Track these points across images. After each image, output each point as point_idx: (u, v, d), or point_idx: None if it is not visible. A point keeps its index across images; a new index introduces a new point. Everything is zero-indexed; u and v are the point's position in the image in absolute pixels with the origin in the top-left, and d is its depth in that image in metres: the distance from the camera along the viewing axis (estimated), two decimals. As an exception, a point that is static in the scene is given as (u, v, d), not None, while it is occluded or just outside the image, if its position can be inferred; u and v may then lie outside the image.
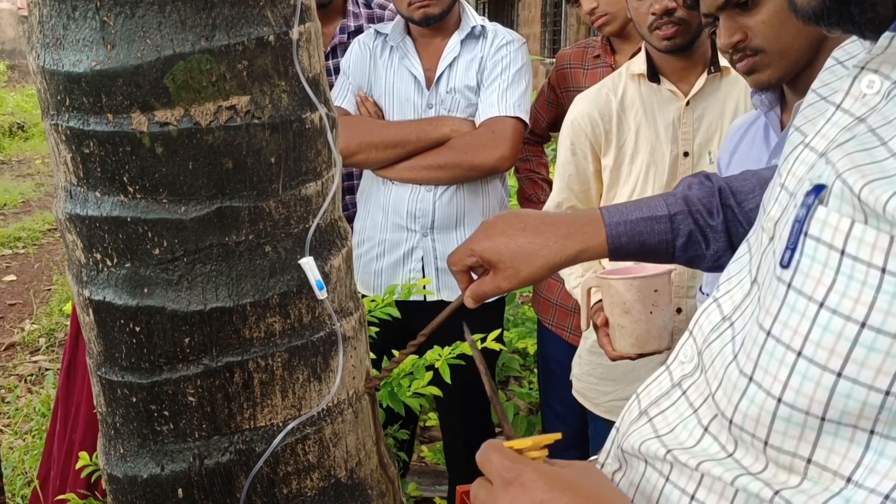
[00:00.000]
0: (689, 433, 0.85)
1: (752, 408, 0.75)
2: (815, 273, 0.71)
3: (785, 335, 0.73)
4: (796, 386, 0.71)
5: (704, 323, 0.90)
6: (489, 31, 2.72)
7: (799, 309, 0.72)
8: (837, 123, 0.79)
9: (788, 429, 0.73)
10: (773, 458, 0.75)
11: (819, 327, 0.70)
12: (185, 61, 1.24)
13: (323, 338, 1.41)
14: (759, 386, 0.75)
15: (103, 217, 1.30)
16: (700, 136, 2.24)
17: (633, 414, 0.94)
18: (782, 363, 0.72)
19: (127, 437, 1.40)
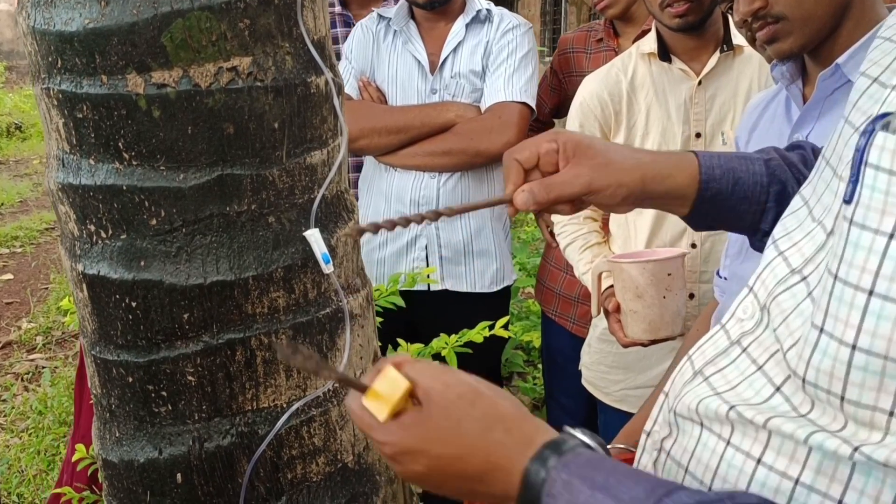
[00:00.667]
0: (756, 391, 0.78)
1: (826, 360, 0.68)
2: (876, 203, 0.65)
3: (852, 275, 0.66)
4: (871, 328, 0.65)
5: (769, 277, 0.83)
6: (495, 15, 2.66)
7: (864, 244, 0.66)
8: None
9: (866, 379, 0.66)
10: (851, 415, 0.68)
11: (891, 259, 0.64)
12: (183, 19, 1.17)
13: (329, 315, 1.34)
14: (831, 336, 0.68)
15: (97, 186, 1.23)
16: (713, 116, 2.17)
17: (687, 375, 0.87)
18: (852, 306, 0.66)
19: (123, 420, 1.33)
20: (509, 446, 0.78)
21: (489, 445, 0.78)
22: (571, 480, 0.74)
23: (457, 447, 0.78)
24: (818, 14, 1.48)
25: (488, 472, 0.78)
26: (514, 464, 0.77)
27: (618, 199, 1.00)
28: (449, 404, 0.79)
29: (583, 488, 0.73)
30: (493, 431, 0.79)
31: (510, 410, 0.80)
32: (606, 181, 1.00)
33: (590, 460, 0.76)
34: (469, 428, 0.79)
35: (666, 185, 1.03)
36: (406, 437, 0.79)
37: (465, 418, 0.79)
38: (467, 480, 0.80)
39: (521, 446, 0.78)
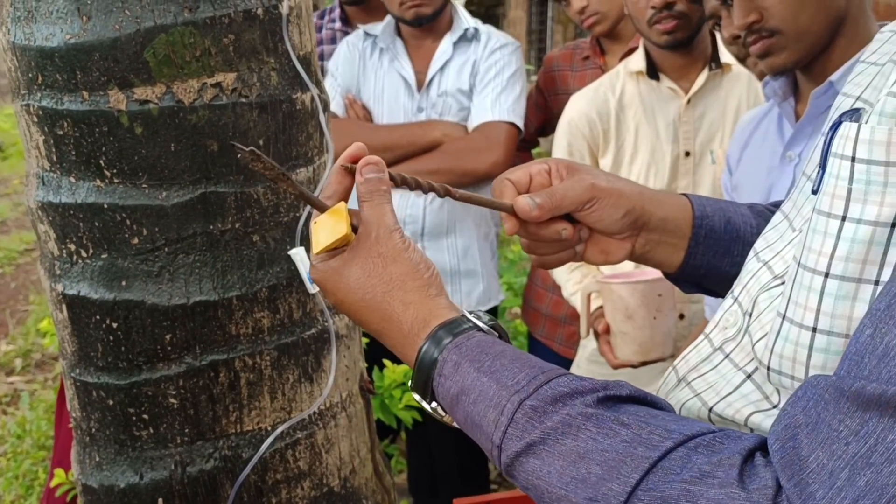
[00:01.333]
0: (727, 381, 0.80)
1: (787, 346, 0.70)
2: (833, 189, 0.67)
3: (810, 259, 0.68)
4: (829, 309, 0.66)
5: (753, 286, 0.83)
6: (482, 33, 2.65)
7: (820, 229, 0.68)
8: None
9: (827, 361, 0.67)
10: None
11: (845, 241, 0.65)
12: (167, 34, 1.15)
13: (314, 335, 1.32)
14: (792, 321, 0.69)
15: (78, 204, 1.20)
16: (702, 134, 2.17)
17: (671, 383, 0.88)
18: (810, 289, 0.68)
19: (103, 444, 1.30)
20: (402, 317, 0.82)
21: (386, 307, 0.83)
22: (461, 362, 0.77)
23: (359, 298, 0.84)
24: (813, 29, 1.47)
25: (383, 331, 0.83)
26: (406, 337, 0.81)
27: (620, 212, 0.98)
28: (369, 256, 0.84)
29: (470, 371, 0.76)
30: (392, 297, 0.83)
31: (416, 285, 0.83)
32: (609, 188, 0.98)
33: (480, 343, 0.78)
34: (373, 285, 0.83)
35: (664, 211, 1.01)
36: (325, 270, 0.86)
37: (375, 275, 0.83)
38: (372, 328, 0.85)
39: (414, 321, 0.81)
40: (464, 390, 0.76)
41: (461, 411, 0.77)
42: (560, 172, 0.99)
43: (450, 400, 0.78)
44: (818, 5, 1.44)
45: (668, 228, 1.02)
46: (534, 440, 0.70)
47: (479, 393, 0.75)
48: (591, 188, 0.97)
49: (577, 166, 1.00)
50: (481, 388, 0.75)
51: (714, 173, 2.17)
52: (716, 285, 1.07)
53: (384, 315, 0.83)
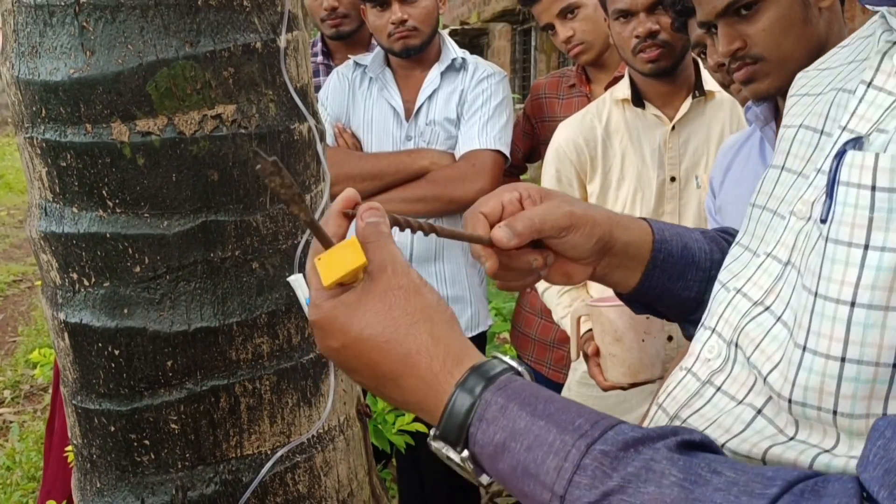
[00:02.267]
0: (736, 417, 0.79)
1: (813, 377, 0.70)
2: (848, 218, 0.68)
3: (832, 290, 0.68)
4: (858, 339, 0.67)
5: (731, 315, 0.84)
6: (470, 63, 2.70)
7: (841, 258, 0.68)
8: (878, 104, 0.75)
9: (857, 390, 0.67)
10: (844, 428, 0.69)
11: (870, 269, 0.66)
12: (168, 68, 1.18)
13: (313, 360, 1.34)
14: (815, 352, 0.69)
15: (80, 234, 1.23)
16: (686, 160, 2.21)
17: (661, 421, 0.87)
18: (835, 319, 0.68)
19: (104, 470, 1.32)
20: (433, 352, 0.75)
21: (411, 342, 0.75)
22: (508, 405, 0.72)
23: (378, 333, 0.76)
24: (795, 56, 1.51)
25: (404, 372, 0.75)
26: (437, 375, 0.75)
27: (593, 240, 0.99)
28: (388, 289, 0.77)
29: (522, 414, 0.71)
30: (418, 330, 0.76)
31: (443, 318, 0.77)
32: (585, 216, 0.98)
33: (525, 386, 0.74)
34: (394, 318, 0.76)
35: (628, 235, 1.02)
36: (336, 306, 0.77)
37: (397, 307, 0.76)
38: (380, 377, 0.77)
39: (445, 358, 0.75)
40: (513, 436, 0.70)
41: (508, 460, 0.71)
42: (533, 198, 0.98)
43: (493, 448, 0.71)
44: (800, 33, 1.48)
45: (630, 253, 1.03)
46: (611, 489, 0.65)
47: (535, 438, 0.69)
48: (569, 215, 0.97)
49: (549, 192, 1.00)
50: (537, 432, 0.69)
51: (699, 197, 2.21)
52: (666, 308, 1.08)
53: (408, 351, 0.75)
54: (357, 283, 0.78)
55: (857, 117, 0.76)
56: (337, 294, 0.77)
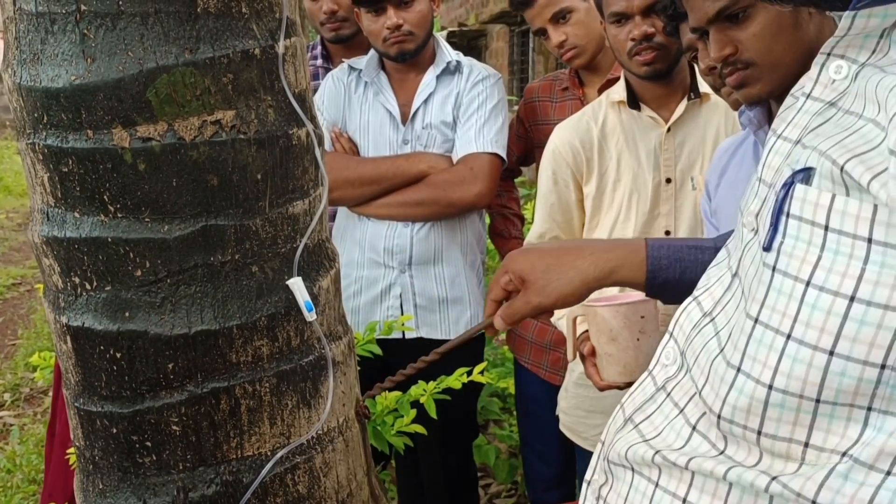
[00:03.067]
0: (677, 434, 0.83)
1: (742, 398, 0.73)
2: (799, 252, 0.70)
3: (773, 319, 0.71)
4: (787, 370, 0.69)
5: (685, 322, 0.87)
6: (465, 66, 2.71)
7: (785, 291, 0.70)
8: (808, 111, 0.78)
9: (783, 415, 0.70)
10: (767, 448, 0.73)
11: (808, 306, 0.68)
12: (168, 74, 1.20)
13: (312, 362, 1.36)
14: (748, 375, 0.72)
15: (82, 238, 1.24)
16: (682, 162, 2.23)
17: (619, 422, 0.91)
18: (771, 348, 0.71)
19: (106, 472, 1.33)
20: None
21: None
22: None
23: None
24: (786, 61, 1.53)
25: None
26: None
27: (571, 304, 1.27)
28: None
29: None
30: None
31: None
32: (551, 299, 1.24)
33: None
34: None
35: (613, 279, 1.21)
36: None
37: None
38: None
39: None
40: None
41: None
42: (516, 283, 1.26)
43: None
44: (790, 38, 1.50)
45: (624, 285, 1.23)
46: None
47: None
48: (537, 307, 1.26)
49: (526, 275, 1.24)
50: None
51: (695, 199, 2.22)
52: None
53: None
54: None
55: (792, 125, 0.79)
56: None
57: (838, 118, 0.73)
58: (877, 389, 0.66)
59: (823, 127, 0.74)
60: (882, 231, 0.65)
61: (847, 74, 0.76)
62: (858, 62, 0.75)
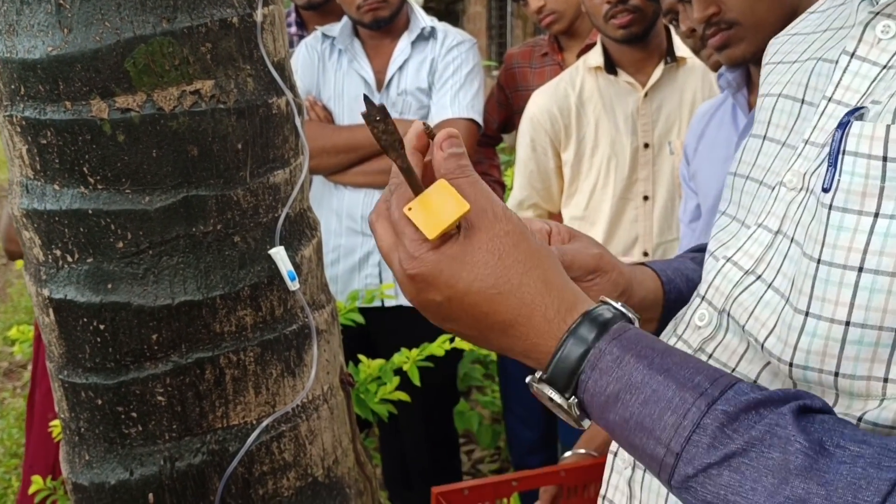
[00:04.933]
0: None
1: (816, 341, 0.72)
2: (857, 187, 0.69)
3: (838, 256, 0.70)
4: (864, 303, 0.68)
5: (722, 283, 0.85)
6: (439, 31, 2.70)
7: (848, 226, 0.69)
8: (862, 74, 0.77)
9: (860, 352, 0.69)
10: (845, 389, 0.72)
11: (878, 236, 0.68)
12: (146, 44, 1.19)
13: (296, 331, 1.36)
14: (819, 317, 0.71)
15: (63, 210, 1.24)
16: (659, 126, 2.24)
17: None
18: (841, 285, 0.70)
19: (92, 443, 1.33)
20: (547, 300, 0.74)
21: (525, 291, 0.74)
22: (624, 356, 0.71)
23: (490, 285, 0.73)
24: (769, 20, 1.53)
25: (516, 322, 0.74)
26: (550, 322, 0.73)
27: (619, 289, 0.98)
28: (494, 237, 0.74)
29: (638, 367, 0.70)
30: (531, 278, 0.74)
31: (552, 264, 0.76)
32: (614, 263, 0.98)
33: (640, 336, 0.73)
34: (509, 266, 0.74)
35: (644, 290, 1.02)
36: (440, 259, 0.74)
37: (507, 256, 0.74)
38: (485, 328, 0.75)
39: (559, 305, 0.74)
40: (629, 388, 0.69)
41: (620, 412, 0.70)
42: (562, 235, 0.98)
43: (604, 398, 0.71)
44: None
45: (647, 305, 1.02)
46: (733, 451, 0.65)
47: (652, 392, 0.69)
48: (598, 258, 0.96)
49: (577, 233, 1.00)
50: (655, 386, 0.69)
51: (672, 163, 2.24)
52: None
53: (521, 300, 0.73)
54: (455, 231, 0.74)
55: (843, 88, 0.78)
56: (437, 245, 0.74)
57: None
58: None
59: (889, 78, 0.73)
60: None
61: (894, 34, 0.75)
62: None
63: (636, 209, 2.25)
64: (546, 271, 0.75)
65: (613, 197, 2.25)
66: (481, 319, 0.75)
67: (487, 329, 0.75)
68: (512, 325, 0.74)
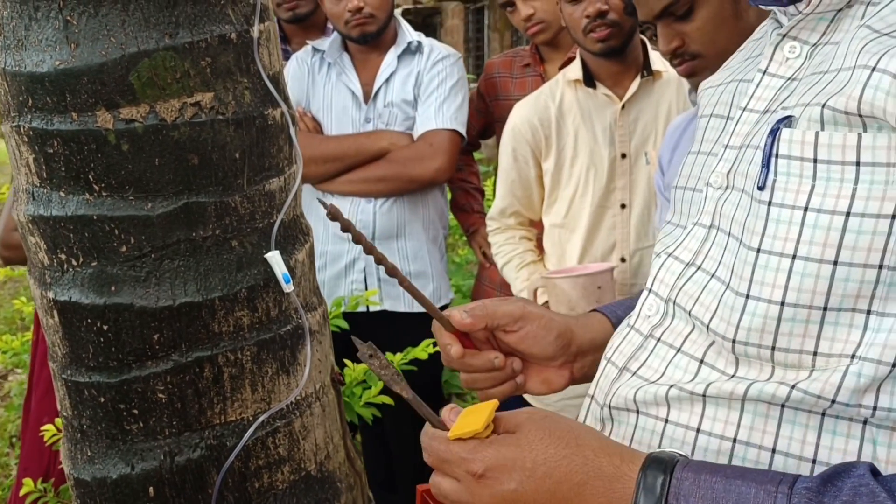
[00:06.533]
0: (684, 370, 0.91)
1: (755, 320, 0.83)
2: (792, 185, 0.80)
3: (776, 245, 0.81)
4: (796, 285, 0.80)
5: (665, 275, 0.97)
6: (425, 46, 2.79)
7: (784, 219, 0.80)
8: (771, 87, 0.90)
9: (794, 328, 0.80)
10: (780, 361, 0.82)
11: (808, 227, 0.79)
12: (149, 58, 1.26)
13: (290, 331, 1.43)
14: (758, 299, 0.82)
15: (68, 216, 1.30)
16: (636, 137, 2.32)
17: (611, 374, 0.99)
18: (778, 270, 0.81)
19: (94, 440, 1.39)
20: (608, 452, 0.81)
21: (587, 450, 0.81)
22: (699, 477, 0.77)
23: (554, 452, 0.81)
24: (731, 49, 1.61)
25: (588, 483, 0.80)
26: (621, 471, 0.80)
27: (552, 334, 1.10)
28: (537, 420, 0.84)
29: (716, 479, 0.76)
30: (586, 439, 0.82)
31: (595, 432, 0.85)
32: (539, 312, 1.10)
33: (703, 462, 0.81)
34: (563, 436, 0.82)
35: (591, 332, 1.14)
36: (502, 447, 0.82)
37: (557, 429, 0.82)
38: (562, 499, 0.81)
39: (621, 454, 0.81)
40: (715, 499, 0.75)
41: None
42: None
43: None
44: (732, 28, 1.60)
45: (598, 345, 1.11)
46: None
47: (738, 496, 0.75)
48: (522, 307, 1.09)
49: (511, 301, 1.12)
50: (738, 490, 0.75)
51: (648, 173, 2.32)
52: None
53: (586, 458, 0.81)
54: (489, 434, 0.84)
55: (755, 99, 0.91)
56: (490, 443, 0.83)
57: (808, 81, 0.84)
58: (875, 290, 0.77)
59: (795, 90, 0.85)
60: (869, 153, 0.76)
61: (800, 54, 0.88)
62: (810, 42, 0.87)
63: (614, 217, 2.33)
64: (596, 436, 0.84)
65: (592, 205, 2.33)
66: (557, 489, 0.81)
67: (564, 499, 0.81)
68: (585, 483, 0.80)
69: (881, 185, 0.76)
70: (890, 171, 0.75)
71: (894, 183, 0.75)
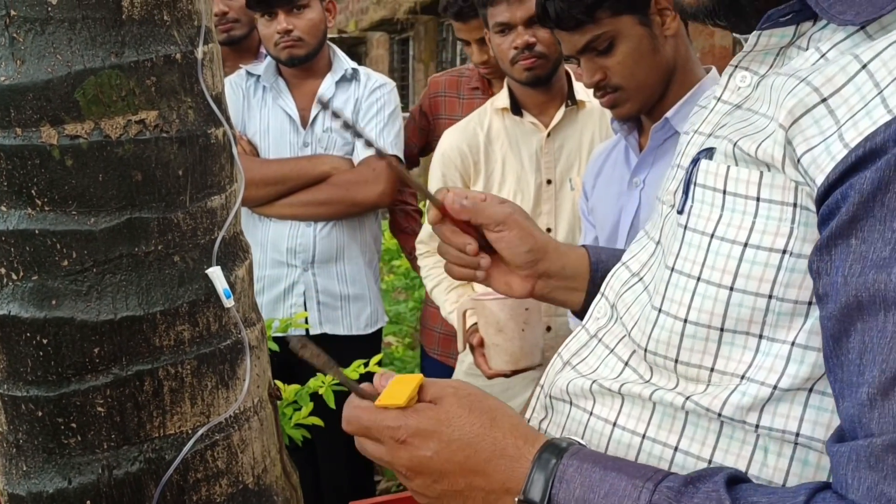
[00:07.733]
0: (611, 369, 1.00)
1: (663, 333, 0.90)
2: (704, 212, 0.88)
3: (686, 267, 0.89)
4: (698, 305, 0.87)
5: (615, 283, 1.05)
6: (361, 74, 2.86)
7: (695, 243, 0.88)
8: (718, 111, 0.98)
9: (694, 344, 0.88)
10: (682, 374, 0.90)
11: (712, 253, 0.86)
12: (95, 76, 1.29)
13: (230, 346, 1.46)
14: (668, 314, 0.90)
15: (9, 230, 1.31)
16: (561, 164, 2.41)
17: (557, 367, 1.08)
18: (685, 290, 0.88)
19: (31, 454, 1.40)
20: (514, 435, 0.89)
21: (496, 434, 0.89)
22: (583, 465, 0.85)
23: (469, 429, 0.89)
24: (649, 82, 1.73)
25: (493, 460, 0.88)
26: (522, 452, 0.88)
27: (526, 246, 1.20)
28: (460, 397, 0.91)
29: (596, 469, 0.84)
30: (499, 422, 0.90)
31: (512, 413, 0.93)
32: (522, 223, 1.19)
33: (592, 452, 0.89)
34: (479, 415, 0.90)
35: (563, 261, 1.25)
36: (423, 419, 0.90)
37: (475, 408, 0.90)
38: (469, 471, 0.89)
39: (525, 439, 0.89)
40: (591, 488, 0.82)
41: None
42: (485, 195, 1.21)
43: (574, 502, 0.83)
44: (651, 62, 1.71)
45: (567, 274, 1.24)
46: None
47: (610, 486, 0.82)
48: (508, 215, 1.18)
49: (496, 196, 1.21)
50: (611, 481, 0.82)
51: (573, 199, 2.41)
52: None
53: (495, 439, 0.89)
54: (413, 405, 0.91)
55: (706, 123, 0.98)
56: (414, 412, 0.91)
57: (741, 115, 0.92)
58: (766, 317, 0.83)
59: (729, 121, 0.93)
60: (767, 191, 0.83)
61: (750, 83, 0.95)
62: (759, 73, 0.95)
63: (540, 241, 2.41)
64: (509, 417, 0.91)
65: (519, 229, 2.40)
66: (466, 462, 0.89)
67: (471, 471, 0.89)
68: (491, 460, 0.88)
69: (776, 221, 0.83)
70: (784, 209, 0.83)
71: (786, 221, 0.82)
